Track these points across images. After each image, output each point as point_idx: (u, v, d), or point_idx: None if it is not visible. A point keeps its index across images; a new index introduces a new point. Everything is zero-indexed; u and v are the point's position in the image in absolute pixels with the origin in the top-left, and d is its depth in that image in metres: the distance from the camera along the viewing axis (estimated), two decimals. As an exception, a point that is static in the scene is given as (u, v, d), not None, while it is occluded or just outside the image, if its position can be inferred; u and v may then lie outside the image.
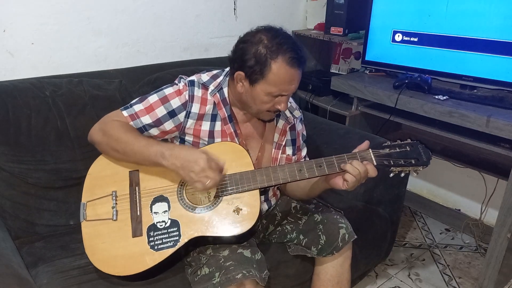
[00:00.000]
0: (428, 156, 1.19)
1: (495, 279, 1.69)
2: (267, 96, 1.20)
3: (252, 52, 1.16)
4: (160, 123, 1.24)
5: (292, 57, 1.15)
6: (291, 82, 1.18)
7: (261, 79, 1.17)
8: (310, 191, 1.33)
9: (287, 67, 1.15)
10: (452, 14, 1.76)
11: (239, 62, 1.19)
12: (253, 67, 1.16)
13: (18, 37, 1.55)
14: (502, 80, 1.68)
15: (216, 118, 1.28)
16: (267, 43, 1.16)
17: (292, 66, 1.16)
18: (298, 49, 1.18)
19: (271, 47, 1.15)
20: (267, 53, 1.15)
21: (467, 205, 2.27)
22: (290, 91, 1.21)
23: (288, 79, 1.17)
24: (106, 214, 1.20)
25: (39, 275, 1.23)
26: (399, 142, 1.21)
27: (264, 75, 1.16)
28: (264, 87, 1.18)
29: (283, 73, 1.16)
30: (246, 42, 1.19)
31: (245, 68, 1.18)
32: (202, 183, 1.10)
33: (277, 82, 1.17)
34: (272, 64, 1.15)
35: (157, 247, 1.16)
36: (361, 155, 1.18)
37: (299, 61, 1.17)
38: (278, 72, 1.15)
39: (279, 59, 1.15)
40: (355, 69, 2.32)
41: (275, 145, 1.37)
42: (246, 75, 1.19)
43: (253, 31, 1.21)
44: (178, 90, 1.25)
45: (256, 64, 1.16)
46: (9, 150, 1.38)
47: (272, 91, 1.18)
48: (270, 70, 1.15)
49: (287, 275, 1.39)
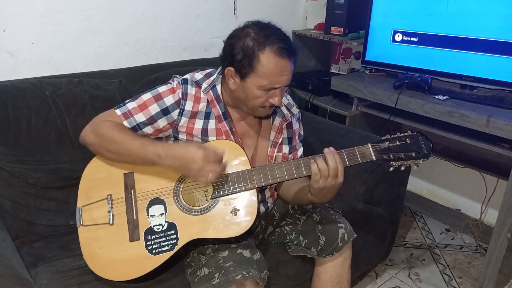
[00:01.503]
0: (429, 148, 1.16)
1: (495, 279, 1.69)
2: (259, 90, 1.18)
3: (240, 45, 1.16)
4: (153, 121, 1.24)
5: (281, 48, 1.14)
6: (282, 73, 1.17)
7: (251, 72, 1.16)
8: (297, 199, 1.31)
9: (276, 58, 1.14)
10: (452, 14, 1.76)
11: (229, 58, 1.19)
12: (242, 60, 1.15)
13: (18, 37, 1.55)
14: (502, 80, 1.68)
15: (209, 116, 1.27)
16: (254, 36, 1.15)
17: (281, 56, 1.14)
18: (286, 40, 1.17)
19: (258, 39, 1.14)
20: (254, 45, 1.14)
21: (467, 205, 2.27)
22: (282, 83, 1.19)
23: (278, 70, 1.16)
24: (102, 218, 1.19)
25: (39, 275, 1.23)
26: (398, 135, 1.18)
27: (254, 68, 1.15)
28: (255, 81, 1.17)
29: (273, 64, 1.14)
30: (233, 37, 1.19)
31: (234, 63, 1.17)
32: (205, 178, 1.10)
33: (267, 74, 1.15)
34: (260, 55, 1.14)
35: (155, 251, 1.16)
36: (360, 151, 1.17)
37: (289, 52, 1.15)
38: (267, 63, 1.14)
39: (267, 50, 1.13)
40: (355, 69, 2.32)
41: (271, 143, 1.35)
42: (236, 70, 1.18)
43: (241, 26, 1.20)
44: (171, 88, 1.25)
45: (245, 57, 1.15)
46: (9, 150, 1.38)
47: (263, 84, 1.17)
48: (259, 62, 1.14)
49: (287, 275, 1.38)
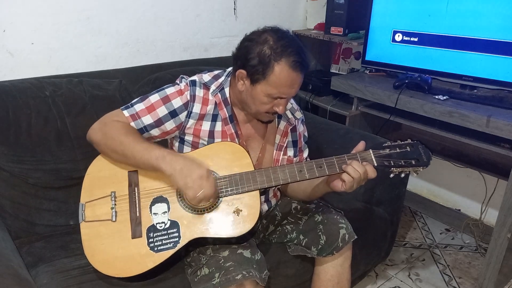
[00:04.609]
0: (428, 157, 1.19)
1: (495, 279, 1.69)
2: (267, 98, 1.19)
3: (257, 51, 1.16)
4: (161, 123, 1.24)
5: (296, 61, 1.14)
6: (292, 85, 1.18)
7: (263, 80, 1.16)
8: (312, 193, 1.33)
9: (290, 70, 1.14)
10: (452, 14, 1.76)
11: (243, 60, 1.18)
12: (256, 66, 1.16)
13: (18, 37, 1.55)
14: (502, 80, 1.68)
15: (217, 118, 1.28)
16: (273, 44, 1.15)
17: (294, 69, 1.15)
18: (302, 53, 1.17)
19: (276, 48, 1.14)
20: (271, 54, 1.14)
21: (467, 205, 2.27)
22: (290, 94, 1.20)
23: (289, 83, 1.17)
24: (105, 215, 1.19)
25: (39, 275, 1.23)
26: (399, 142, 1.20)
27: (266, 76, 1.15)
28: (264, 88, 1.17)
29: (285, 76, 1.15)
30: (251, 40, 1.18)
31: (247, 66, 1.17)
32: (194, 192, 1.10)
33: (278, 85, 1.16)
34: (275, 66, 1.14)
35: (157, 248, 1.16)
36: (361, 156, 1.18)
37: (302, 66, 1.16)
38: (280, 74, 1.14)
39: (283, 62, 1.14)
40: (355, 69, 2.32)
41: (277, 146, 1.37)
42: (248, 74, 1.18)
43: (260, 30, 1.20)
44: (179, 90, 1.25)
45: (259, 64, 1.15)
46: (9, 150, 1.38)
47: (272, 93, 1.18)
48: (273, 71, 1.14)
49: (287, 275, 1.39)
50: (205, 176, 1.11)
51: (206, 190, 1.11)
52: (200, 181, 1.10)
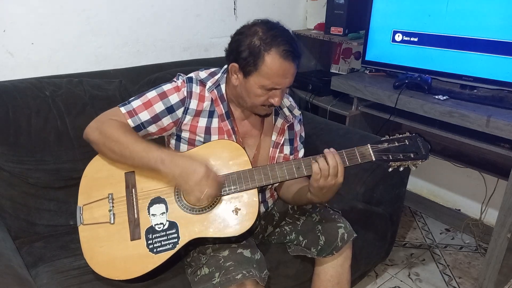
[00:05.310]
0: (427, 149, 1.18)
1: (495, 279, 1.69)
2: (261, 89, 1.19)
3: (247, 43, 1.16)
4: (158, 119, 1.24)
5: (286, 50, 1.14)
6: (284, 75, 1.17)
7: (255, 71, 1.16)
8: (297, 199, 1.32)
9: (281, 60, 1.14)
10: (452, 14, 1.76)
11: (234, 54, 1.19)
12: (247, 58, 1.16)
13: (18, 37, 1.55)
14: (502, 80, 1.68)
15: (213, 114, 1.28)
16: (262, 35, 1.15)
17: (285, 58, 1.15)
18: (293, 43, 1.17)
19: (265, 39, 1.14)
20: (260, 44, 1.14)
21: (467, 205, 2.27)
22: (284, 85, 1.19)
23: (281, 72, 1.16)
24: (103, 217, 1.19)
25: (39, 275, 1.23)
26: (397, 136, 1.20)
27: (258, 67, 1.15)
28: (257, 80, 1.17)
29: (277, 66, 1.15)
30: (241, 34, 1.19)
31: (239, 60, 1.18)
32: (196, 197, 1.11)
33: (270, 75, 1.16)
34: (266, 56, 1.14)
35: (156, 250, 1.16)
36: (359, 151, 1.18)
37: (293, 54, 1.16)
38: (271, 64, 1.14)
39: (273, 51, 1.14)
40: (355, 69, 2.32)
41: (273, 143, 1.36)
42: (240, 67, 1.19)
43: (250, 23, 1.21)
44: (176, 87, 1.25)
45: (250, 55, 1.15)
46: (9, 150, 1.38)
47: (265, 84, 1.17)
48: (263, 62, 1.14)
49: (287, 275, 1.39)
50: (205, 176, 1.11)
51: (209, 190, 1.11)
52: (200, 183, 1.10)
